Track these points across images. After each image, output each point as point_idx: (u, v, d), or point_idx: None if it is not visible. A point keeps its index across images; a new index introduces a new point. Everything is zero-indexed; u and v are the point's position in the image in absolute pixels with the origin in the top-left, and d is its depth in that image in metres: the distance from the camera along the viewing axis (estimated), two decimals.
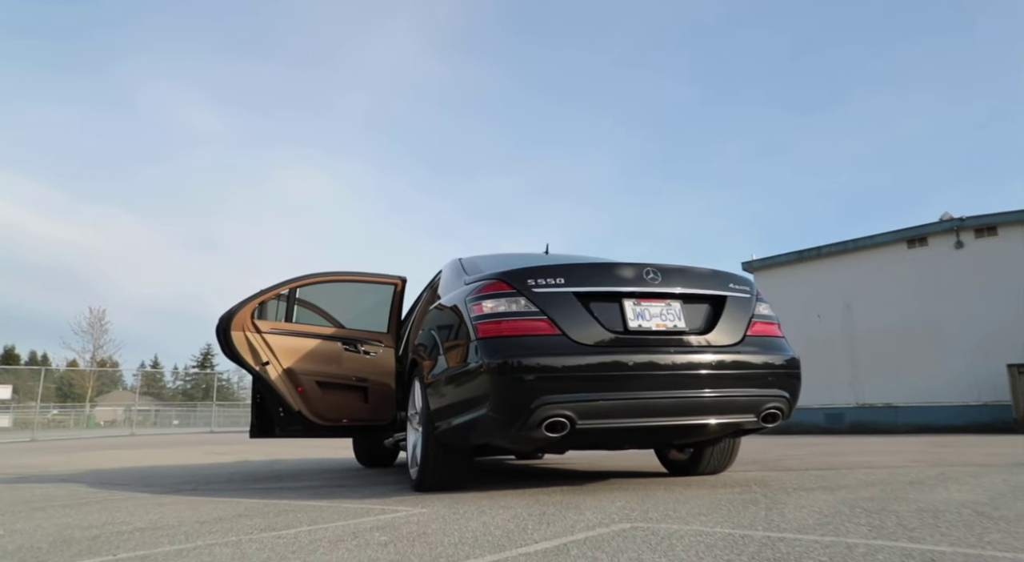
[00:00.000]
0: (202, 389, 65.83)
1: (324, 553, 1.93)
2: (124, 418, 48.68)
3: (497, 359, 3.00)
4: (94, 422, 45.23)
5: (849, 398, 14.76)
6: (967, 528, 2.02)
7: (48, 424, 37.24)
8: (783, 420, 3.40)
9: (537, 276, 3.24)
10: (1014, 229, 13.11)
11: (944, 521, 2.15)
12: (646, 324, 3.23)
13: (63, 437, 23.75)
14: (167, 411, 49.69)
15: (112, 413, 50.76)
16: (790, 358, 3.47)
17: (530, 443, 3.44)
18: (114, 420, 48.27)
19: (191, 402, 55.32)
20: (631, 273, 3.34)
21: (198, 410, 48.28)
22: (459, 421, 3.24)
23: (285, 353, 4.67)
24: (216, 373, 53.22)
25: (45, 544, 2.30)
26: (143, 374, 42.21)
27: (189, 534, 2.40)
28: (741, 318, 3.43)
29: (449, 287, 4.02)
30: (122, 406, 52.07)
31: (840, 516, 2.31)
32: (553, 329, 3.10)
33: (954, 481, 3.39)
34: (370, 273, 5.10)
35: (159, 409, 48.64)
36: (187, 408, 50.20)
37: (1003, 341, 12.59)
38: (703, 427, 3.29)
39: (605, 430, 3.12)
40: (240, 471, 5.88)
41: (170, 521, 2.76)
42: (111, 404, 53.60)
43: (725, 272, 3.62)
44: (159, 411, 47.78)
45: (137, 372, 59.20)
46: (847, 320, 15.00)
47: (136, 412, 32.68)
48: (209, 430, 27.99)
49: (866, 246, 14.85)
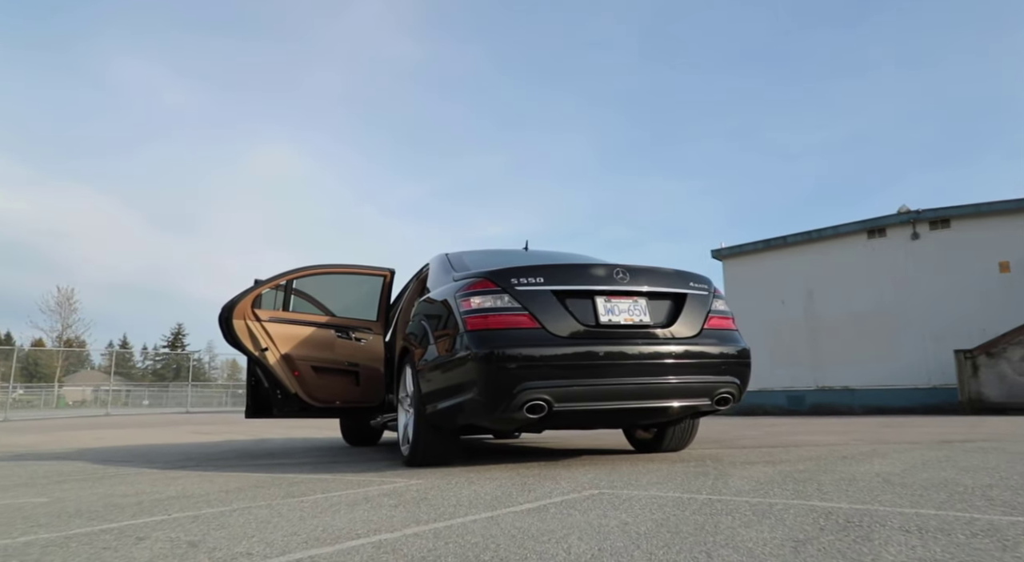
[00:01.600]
0: (172, 369, 65.31)
1: (346, 513, 2.33)
2: (93, 398, 48.23)
3: (484, 349, 3.40)
4: (64, 402, 44.75)
5: (810, 381, 15.48)
6: (869, 491, 2.49)
7: (14, 404, 36.75)
8: (734, 403, 3.87)
9: (520, 275, 3.63)
10: (966, 222, 13.83)
11: (855, 487, 2.62)
12: (615, 318, 3.65)
13: (34, 417, 23.68)
14: (138, 391, 49.20)
15: (81, 393, 50.24)
16: (742, 348, 3.93)
17: (512, 424, 3.86)
18: (83, 400, 47.81)
19: (162, 382, 54.83)
20: (602, 272, 3.76)
21: (170, 390, 47.94)
22: (448, 403, 3.65)
23: (283, 340, 5.02)
24: (187, 353, 52.78)
25: (99, 507, 2.66)
26: (113, 354, 41.76)
27: (221, 500, 2.78)
28: (699, 313, 3.87)
29: (438, 281, 4.39)
30: (91, 386, 51.55)
31: (772, 484, 2.77)
32: (533, 323, 3.51)
33: (880, 456, 3.89)
34: (361, 265, 5.45)
35: (130, 389, 48.24)
36: (158, 388, 49.81)
37: (954, 329, 13.35)
38: (665, 409, 3.74)
39: (579, 412, 3.55)
40: (232, 449, 6.23)
41: (196, 491, 3.13)
42: (78, 384, 53.01)
43: (686, 272, 4.06)
44: (130, 391, 47.40)
45: (106, 352, 58.40)
46: (809, 307, 15.68)
47: (105, 392, 32.53)
48: (185, 411, 28.09)
49: (829, 236, 15.50)
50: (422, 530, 1.97)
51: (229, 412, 26.72)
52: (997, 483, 2.63)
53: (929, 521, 1.90)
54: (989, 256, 13.39)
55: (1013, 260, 13.18)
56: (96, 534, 2.08)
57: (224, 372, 65.15)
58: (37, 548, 1.90)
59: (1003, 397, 11.73)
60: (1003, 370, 11.89)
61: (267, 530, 2.05)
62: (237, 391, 46.91)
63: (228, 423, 14.01)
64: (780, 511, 2.11)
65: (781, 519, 1.98)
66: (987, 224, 13.58)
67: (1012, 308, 12.59)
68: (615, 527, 1.93)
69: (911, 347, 14.05)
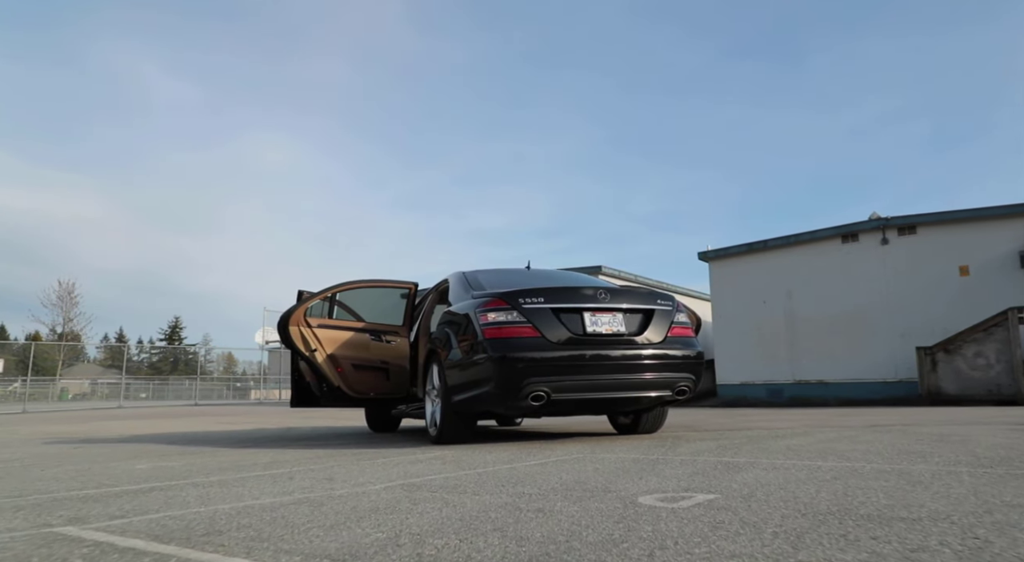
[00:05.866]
0: (170, 362, 66.30)
1: (411, 467, 3.42)
2: (91, 391, 49.19)
3: (498, 353, 4.50)
4: (66, 395, 45.68)
5: (788, 375, 16.65)
6: (768, 455, 3.59)
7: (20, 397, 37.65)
8: (690, 395, 4.97)
9: (525, 296, 4.73)
10: (931, 228, 14.98)
11: (762, 452, 3.72)
12: (599, 329, 4.75)
13: (50, 409, 24.69)
14: (137, 384, 50.04)
15: (79, 386, 51.12)
16: (698, 351, 5.03)
17: (519, 410, 4.95)
18: (83, 393, 48.75)
19: (160, 375, 55.72)
20: (589, 293, 4.86)
21: (170, 384, 48.86)
22: (469, 394, 4.74)
23: (328, 342, 6.10)
24: (186, 347, 53.58)
25: (231, 466, 3.75)
26: (109, 347, 42.72)
27: (312, 461, 3.86)
28: (664, 324, 4.97)
29: (459, 297, 5.48)
30: (88, 379, 52.42)
31: (707, 451, 3.87)
32: (536, 333, 4.60)
33: (805, 436, 5.00)
34: (390, 280, 6.54)
35: (130, 382, 49.13)
36: (159, 381, 50.70)
37: (919, 327, 14.51)
38: (639, 399, 4.85)
39: (571, 401, 4.66)
40: (274, 435, 7.31)
41: (286, 458, 4.22)
42: (75, 378, 53.76)
43: (656, 292, 5.17)
44: (129, 385, 48.29)
45: (100, 345, 59.06)
46: (788, 306, 16.82)
47: (104, 385, 33.44)
48: (193, 403, 29.14)
49: (806, 241, 16.65)
50: (467, 473, 3.07)
51: (235, 404, 27.72)
52: (858, 449, 3.75)
53: (788, 464, 3.00)
54: (951, 260, 14.55)
55: (972, 264, 14.33)
56: (254, 478, 3.16)
57: (220, 365, 66.13)
58: (231, 476, 2.97)
59: (958, 390, 12.90)
60: (959, 366, 13.06)
61: (367, 474, 3.15)
62: (236, 384, 48.01)
63: (243, 414, 15.05)
64: (699, 463, 3.22)
65: (694, 466, 3.09)
66: (949, 231, 14.73)
67: (970, 309, 13.72)
68: (590, 470, 3.03)
69: (880, 344, 15.22)
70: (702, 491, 2.32)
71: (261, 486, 2.85)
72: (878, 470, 2.79)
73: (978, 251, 14.30)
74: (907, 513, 1.82)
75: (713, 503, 2.07)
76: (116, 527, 1.98)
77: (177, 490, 2.80)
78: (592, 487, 2.50)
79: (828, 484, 2.41)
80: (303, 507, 2.26)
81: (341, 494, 2.53)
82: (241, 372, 59.22)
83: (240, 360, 66.19)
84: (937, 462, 3.04)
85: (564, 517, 1.92)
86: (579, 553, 1.50)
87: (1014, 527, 1.61)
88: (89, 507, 2.42)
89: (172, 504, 2.42)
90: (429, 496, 2.41)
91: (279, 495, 2.56)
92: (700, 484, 2.50)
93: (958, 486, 2.28)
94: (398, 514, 2.06)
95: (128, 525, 2.01)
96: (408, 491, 2.55)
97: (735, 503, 2.06)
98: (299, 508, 2.24)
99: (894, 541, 1.50)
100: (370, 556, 1.53)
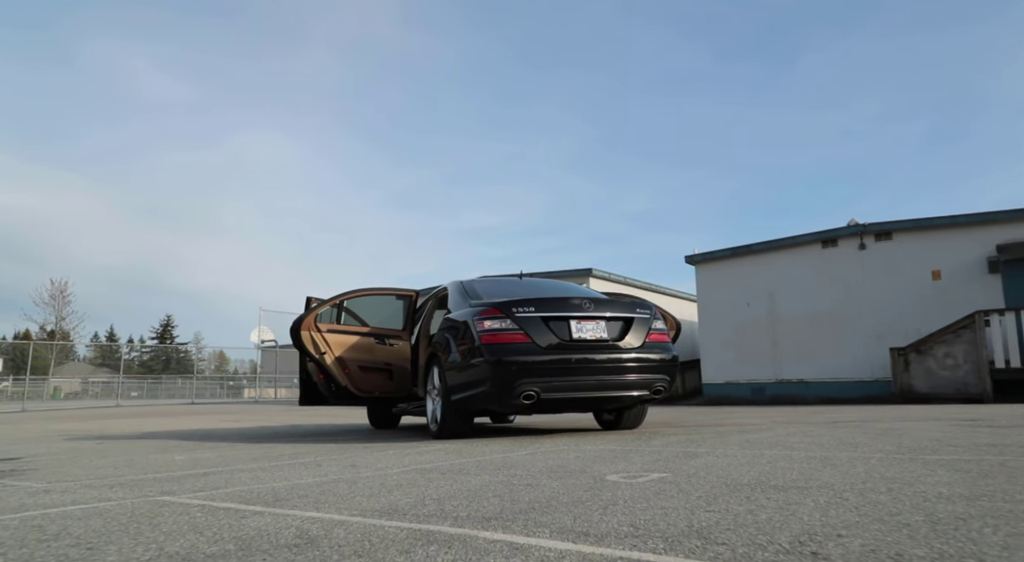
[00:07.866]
0: (162, 361, 66.53)
1: (420, 456, 4.00)
2: (82, 389, 49.42)
3: (493, 357, 5.08)
4: (59, 394, 45.91)
5: (770, 375, 17.32)
6: (725, 444, 4.18)
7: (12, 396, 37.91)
8: (666, 394, 5.57)
9: (518, 306, 5.31)
10: (906, 235, 15.67)
11: (723, 444, 4.31)
12: (584, 335, 5.34)
13: (49, 408, 25.06)
14: (128, 383, 50.29)
15: (71, 385, 51.32)
16: (673, 355, 5.63)
17: (512, 408, 5.54)
18: (75, 392, 48.98)
19: (154, 374, 55.96)
20: (575, 303, 5.45)
21: (163, 382, 49.12)
22: (468, 394, 5.32)
23: (337, 345, 6.67)
24: (175, 346, 53.75)
25: (258, 456, 4.30)
26: (99, 346, 43.00)
27: (330, 453, 4.42)
28: (643, 330, 5.57)
29: (457, 305, 6.05)
30: (79, 378, 52.62)
31: (676, 443, 4.46)
32: (527, 339, 5.18)
33: (767, 430, 5.60)
34: (393, 288, 7.14)
35: (123, 381, 49.37)
36: (152, 380, 50.95)
37: (894, 329, 15.20)
38: (620, 398, 5.45)
39: (559, 400, 5.25)
40: (282, 431, 7.86)
41: (304, 451, 4.78)
42: (65, 376, 53.90)
43: (636, 301, 5.77)
44: (122, 383, 48.53)
45: (91, 344, 59.10)
46: (771, 308, 17.48)
47: (95, 384, 33.73)
48: (190, 402, 29.59)
49: (788, 245, 17.32)
50: (468, 460, 3.65)
51: (230, 403, 28.16)
52: (805, 441, 4.35)
53: (738, 453, 3.59)
54: (924, 265, 15.26)
55: (944, 269, 15.03)
56: (287, 465, 3.73)
57: (211, 364, 66.42)
58: (266, 464, 3.54)
59: (929, 389, 13.59)
60: (929, 365, 13.74)
61: (384, 462, 3.72)
62: (228, 383, 48.41)
63: (241, 412, 15.55)
64: (664, 452, 3.81)
65: (660, 454, 3.68)
66: (923, 237, 15.43)
67: (942, 311, 14.42)
68: (572, 458, 3.63)
69: (858, 345, 15.91)
70: (658, 471, 2.92)
71: (297, 471, 3.42)
72: (808, 457, 3.39)
73: (950, 257, 15.00)
74: (804, 484, 2.41)
75: (664, 479, 2.66)
76: (204, 496, 2.55)
77: (228, 474, 3.36)
78: (572, 469, 3.09)
79: (760, 466, 3.01)
80: (341, 484, 2.84)
81: (367, 476, 3.11)
82: (233, 371, 59.63)
83: (232, 359, 66.60)
84: (863, 450, 3.64)
85: (547, 488, 2.50)
86: (555, 508, 2.08)
87: (873, 491, 2.21)
88: (168, 485, 2.98)
89: (233, 483, 2.99)
90: (440, 477, 2.99)
91: (317, 477, 3.14)
92: (659, 467, 3.09)
93: (861, 467, 2.88)
94: (418, 487, 2.64)
95: (212, 495, 2.58)
96: (422, 474, 3.13)
97: (680, 479, 2.65)
98: (338, 485, 2.81)
99: (779, 500, 2.10)
100: (406, 510, 2.11)
